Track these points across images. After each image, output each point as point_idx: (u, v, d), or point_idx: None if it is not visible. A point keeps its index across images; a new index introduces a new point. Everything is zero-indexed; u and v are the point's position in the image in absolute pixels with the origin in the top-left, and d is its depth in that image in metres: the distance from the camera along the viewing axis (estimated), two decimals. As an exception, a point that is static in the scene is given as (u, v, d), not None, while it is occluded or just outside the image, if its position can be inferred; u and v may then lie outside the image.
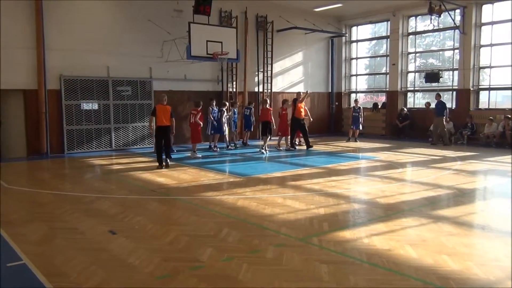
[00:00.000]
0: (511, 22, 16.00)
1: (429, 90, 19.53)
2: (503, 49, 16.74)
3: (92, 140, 14.70)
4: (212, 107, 14.58)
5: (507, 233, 5.71)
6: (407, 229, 5.88)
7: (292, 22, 18.81)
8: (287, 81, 20.05)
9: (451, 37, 18.48)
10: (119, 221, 6.38)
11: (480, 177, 10.32)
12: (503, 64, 16.77)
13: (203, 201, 7.70)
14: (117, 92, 15.12)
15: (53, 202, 7.59)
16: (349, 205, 7.43)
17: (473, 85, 17.33)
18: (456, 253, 4.93)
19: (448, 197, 8.03)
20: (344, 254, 4.96)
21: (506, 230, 5.87)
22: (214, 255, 4.92)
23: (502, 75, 17.05)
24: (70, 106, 14.16)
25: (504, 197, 8.07)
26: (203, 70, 16.99)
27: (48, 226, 6.12)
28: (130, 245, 5.29)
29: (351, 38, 22.11)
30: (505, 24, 16.53)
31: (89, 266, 4.63)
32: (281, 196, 7.97)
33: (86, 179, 10.21)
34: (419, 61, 20.47)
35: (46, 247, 5.27)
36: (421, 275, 4.33)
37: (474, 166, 11.53)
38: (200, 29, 14.53)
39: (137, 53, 15.28)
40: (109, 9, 14.83)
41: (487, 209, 7.39)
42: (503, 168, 11.36)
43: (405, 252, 4.98)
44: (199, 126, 13.26)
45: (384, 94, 20.96)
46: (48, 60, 13.52)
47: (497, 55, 16.94)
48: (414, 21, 19.60)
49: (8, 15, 12.79)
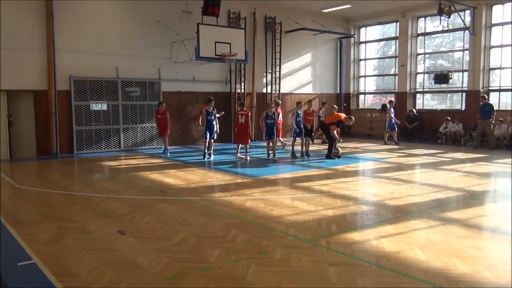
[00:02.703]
0: None
1: (439, 92, 19.42)
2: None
3: (101, 141, 14.79)
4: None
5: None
6: (416, 231, 5.84)
7: (301, 23, 18.79)
8: (295, 82, 20.02)
9: (461, 38, 18.34)
10: (128, 221, 6.41)
11: (490, 179, 10.23)
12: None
13: (212, 202, 7.71)
14: (126, 92, 15.21)
15: (62, 202, 7.65)
16: (357, 206, 7.40)
17: (483, 86, 17.19)
18: (466, 256, 4.89)
19: (457, 199, 7.97)
20: (353, 256, 4.94)
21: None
22: (223, 256, 4.93)
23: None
24: (79, 107, 14.26)
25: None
26: (211, 71, 17.03)
27: (57, 226, 6.17)
28: (139, 246, 5.32)
29: (359, 39, 22.05)
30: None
31: (98, 266, 4.66)
32: (289, 197, 7.96)
33: (95, 179, 10.28)
34: (428, 62, 20.35)
35: (56, 247, 5.32)
36: (430, 278, 4.30)
37: (484, 168, 11.43)
38: (209, 30, 14.58)
39: (146, 54, 15.36)
40: (118, 10, 14.93)
41: (497, 211, 7.32)
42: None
43: (414, 254, 4.95)
44: (249, 127, 12.94)
45: (393, 95, 20.84)
46: (58, 61, 13.64)
47: (507, 56, 16.78)
48: (423, 22, 19.50)
49: (18, 17, 12.94)
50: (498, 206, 7.78)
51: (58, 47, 13.61)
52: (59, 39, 13.62)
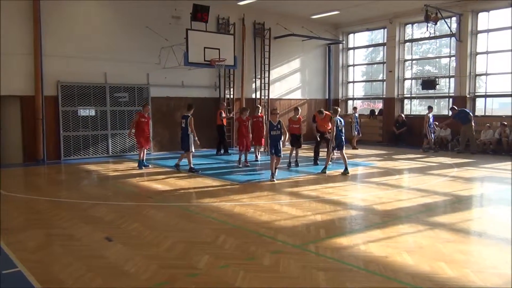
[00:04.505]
0: (511, 30, 16.05)
1: (426, 97, 19.63)
2: (499, 57, 16.87)
3: (89, 147, 14.68)
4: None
5: (504, 240, 5.72)
6: (404, 236, 5.88)
7: (290, 29, 18.89)
8: (284, 88, 20.10)
9: (448, 44, 18.59)
10: (116, 227, 6.36)
11: (477, 184, 10.35)
12: (499, 71, 16.90)
13: (200, 207, 7.69)
14: (114, 98, 15.12)
15: (49, 209, 7.56)
16: (346, 211, 7.43)
17: (469, 92, 17.42)
18: (453, 260, 4.93)
19: (445, 203, 8.05)
20: (341, 261, 4.95)
21: (503, 237, 5.88)
22: (211, 262, 4.91)
23: (498, 82, 17.17)
24: (67, 112, 14.14)
25: (501, 204, 8.08)
26: (200, 76, 17.02)
27: (44, 233, 6.10)
28: (126, 252, 5.28)
29: (348, 45, 22.22)
30: (501, 32, 16.67)
31: (85, 273, 4.61)
32: (278, 202, 7.96)
33: (82, 185, 10.18)
34: (416, 68, 20.58)
35: (43, 254, 5.25)
36: (418, 282, 4.33)
37: (470, 173, 11.56)
38: (198, 35, 14.59)
39: (135, 60, 15.31)
40: (107, 15, 14.87)
41: (484, 216, 7.41)
42: (500, 175, 11.39)
43: (402, 259, 4.98)
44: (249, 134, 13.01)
45: (381, 100, 21.05)
46: (45, 67, 13.52)
47: (493, 63, 17.05)
48: (410, 28, 19.73)
49: (5, 22, 12.80)
50: (485, 210, 7.88)
51: (46, 52, 13.50)
52: (47, 44, 13.52)
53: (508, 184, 9.88)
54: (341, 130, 11.20)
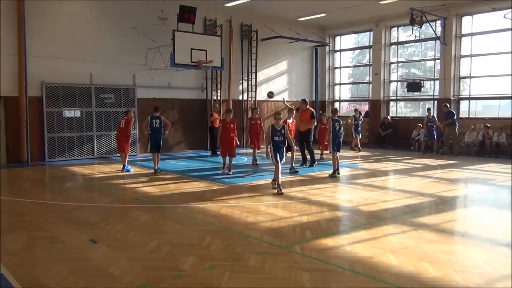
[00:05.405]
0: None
1: (411, 100, 19.84)
2: (483, 60, 17.14)
3: (74, 148, 14.53)
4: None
5: (487, 240, 5.80)
6: (388, 237, 5.93)
7: (277, 31, 18.94)
8: (271, 90, 20.00)
9: (432, 47, 18.82)
10: (101, 229, 6.30)
11: (461, 185, 10.48)
12: (483, 74, 17.17)
13: (187, 209, 7.65)
14: (100, 99, 15.00)
15: (33, 211, 7.46)
16: (332, 213, 7.46)
17: (453, 94, 17.65)
18: (437, 260, 4.98)
19: (429, 204, 8.13)
20: (327, 261, 4.98)
21: (486, 237, 5.96)
22: (197, 264, 4.89)
23: (482, 85, 17.44)
24: (51, 114, 13.98)
25: (484, 204, 8.21)
26: (187, 78, 16.97)
27: (28, 236, 6.02)
28: (111, 254, 5.23)
29: (334, 48, 22.37)
30: (484, 35, 16.95)
31: (69, 275, 4.56)
32: (264, 204, 7.97)
33: (67, 187, 10.07)
34: (401, 71, 20.79)
35: (26, 257, 5.18)
36: (402, 282, 4.37)
37: (454, 174, 11.71)
38: (185, 37, 14.56)
39: (121, 61, 15.21)
40: (93, 16, 14.74)
41: (467, 216, 7.51)
42: (483, 176, 11.56)
43: (386, 259, 5.02)
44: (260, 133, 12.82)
45: (367, 103, 21.22)
46: (30, 67, 13.36)
47: (477, 66, 17.30)
48: (396, 31, 19.94)
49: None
50: (468, 211, 7.99)
51: (30, 52, 13.34)
52: (31, 44, 13.36)
53: (490, 186, 10.05)
54: (339, 131, 11.02)
